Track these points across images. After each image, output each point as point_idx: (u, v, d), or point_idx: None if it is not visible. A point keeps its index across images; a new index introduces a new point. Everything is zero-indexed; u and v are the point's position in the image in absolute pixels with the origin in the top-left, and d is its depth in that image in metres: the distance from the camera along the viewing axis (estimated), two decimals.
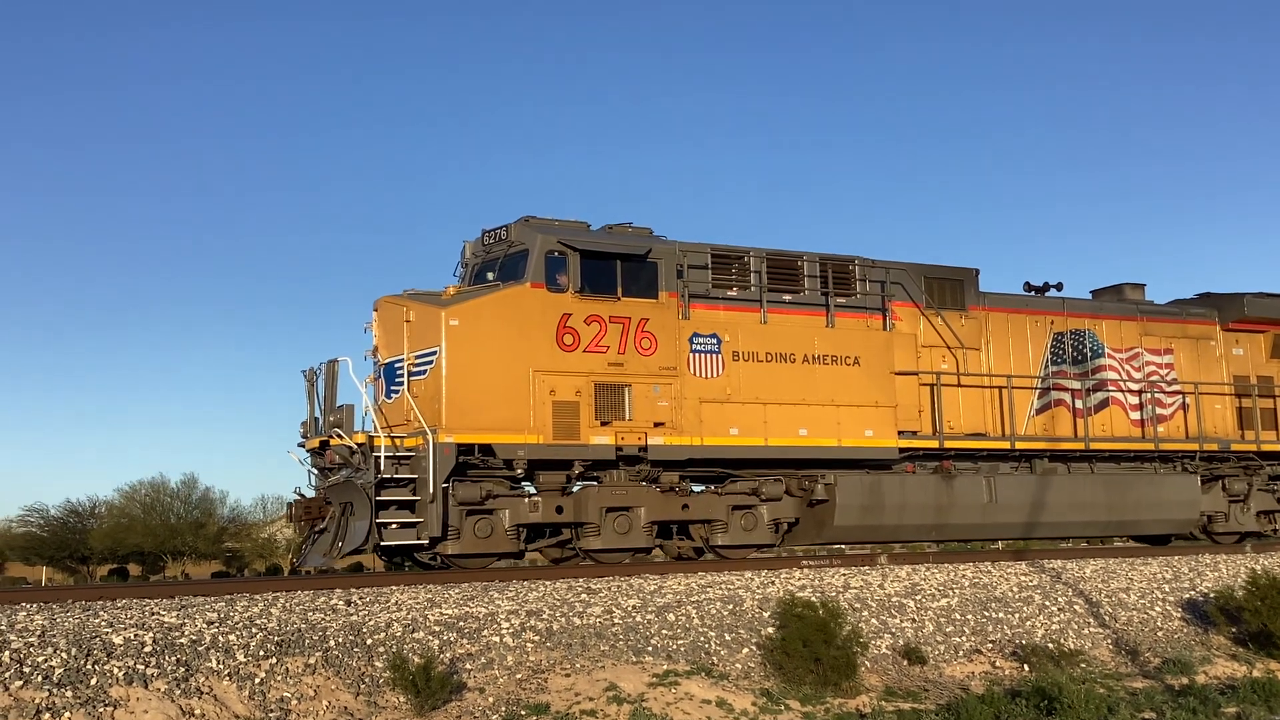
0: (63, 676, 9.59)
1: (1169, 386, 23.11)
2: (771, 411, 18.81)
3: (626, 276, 18.20)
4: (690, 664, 12.12)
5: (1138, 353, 23.02)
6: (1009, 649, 14.29)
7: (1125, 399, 22.60)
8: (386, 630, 11.59)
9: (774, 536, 19.18)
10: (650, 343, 18.14)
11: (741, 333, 18.85)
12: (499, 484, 17.30)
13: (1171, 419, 23.00)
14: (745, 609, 13.73)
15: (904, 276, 20.67)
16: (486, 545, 17.23)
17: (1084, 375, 22.33)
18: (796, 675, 12.18)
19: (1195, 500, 22.41)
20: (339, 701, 10.36)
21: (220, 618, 11.61)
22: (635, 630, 12.60)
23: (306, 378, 17.89)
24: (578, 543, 17.91)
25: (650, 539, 18.23)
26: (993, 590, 16.09)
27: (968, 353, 21.09)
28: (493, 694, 10.96)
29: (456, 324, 17.11)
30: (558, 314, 17.61)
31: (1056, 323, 22.34)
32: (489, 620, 12.27)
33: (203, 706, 9.72)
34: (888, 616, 14.41)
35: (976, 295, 21.53)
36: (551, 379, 17.44)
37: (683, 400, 18.22)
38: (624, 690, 11.26)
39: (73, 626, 10.81)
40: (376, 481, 16.42)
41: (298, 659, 10.72)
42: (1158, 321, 23.50)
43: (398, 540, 16.66)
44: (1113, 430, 22.29)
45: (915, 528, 20.08)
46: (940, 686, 12.96)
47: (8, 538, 71.36)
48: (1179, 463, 22.80)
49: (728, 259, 19.41)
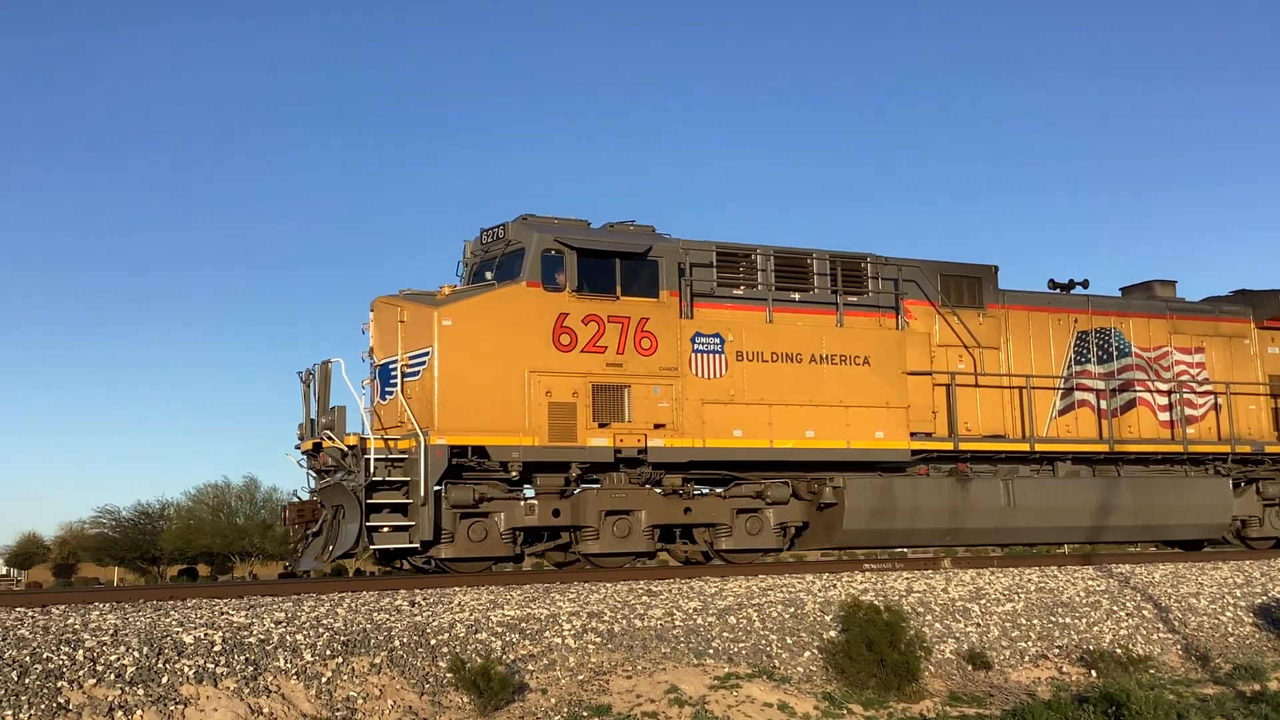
0: (135, 675, 9.58)
1: (1200, 386, 22.04)
2: (777, 412, 18.11)
3: (626, 275, 17.61)
4: (752, 667, 11.92)
5: (1166, 352, 22.00)
6: (1076, 654, 13.88)
7: (1153, 399, 21.60)
8: (450, 631, 11.51)
9: (780, 540, 18.47)
10: (650, 342, 17.53)
11: (746, 332, 18.18)
12: (494, 487, 16.79)
13: (1203, 420, 21.94)
14: (807, 612, 13.47)
15: (918, 274, 19.87)
16: (481, 549, 16.73)
17: (1109, 375, 21.35)
18: (859, 679, 11.90)
19: (1227, 504, 21.31)
20: (404, 701, 10.30)
21: (288, 617, 11.63)
22: (696, 632, 12.45)
23: (302, 379, 17.49)
24: (576, 546, 17.38)
25: (652, 543, 17.62)
26: (1059, 595, 15.63)
27: (986, 352, 20.23)
28: (555, 695, 10.86)
29: (449, 324, 16.63)
30: (554, 313, 17.06)
31: (1080, 321, 21.38)
32: (551, 621, 12.16)
33: (271, 705, 9.70)
34: (952, 621, 14.07)
35: (995, 293, 20.66)
36: (547, 380, 16.90)
37: (684, 401, 17.59)
38: (685, 692, 11.09)
39: (144, 626, 10.85)
40: (367, 484, 15.99)
41: (363, 659, 10.69)
42: (1188, 319, 22.43)
43: (389, 544, 16.21)
44: (1140, 432, 21.30)
45: (928, 532, 19.26)
46: (1005, 692, 12.61)
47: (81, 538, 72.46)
48: (1211, 465, 21.75)
49: (734, 257, 18.77)
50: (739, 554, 18.25)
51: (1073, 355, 21.14)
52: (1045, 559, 21.28)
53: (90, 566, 72.46)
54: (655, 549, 17.88)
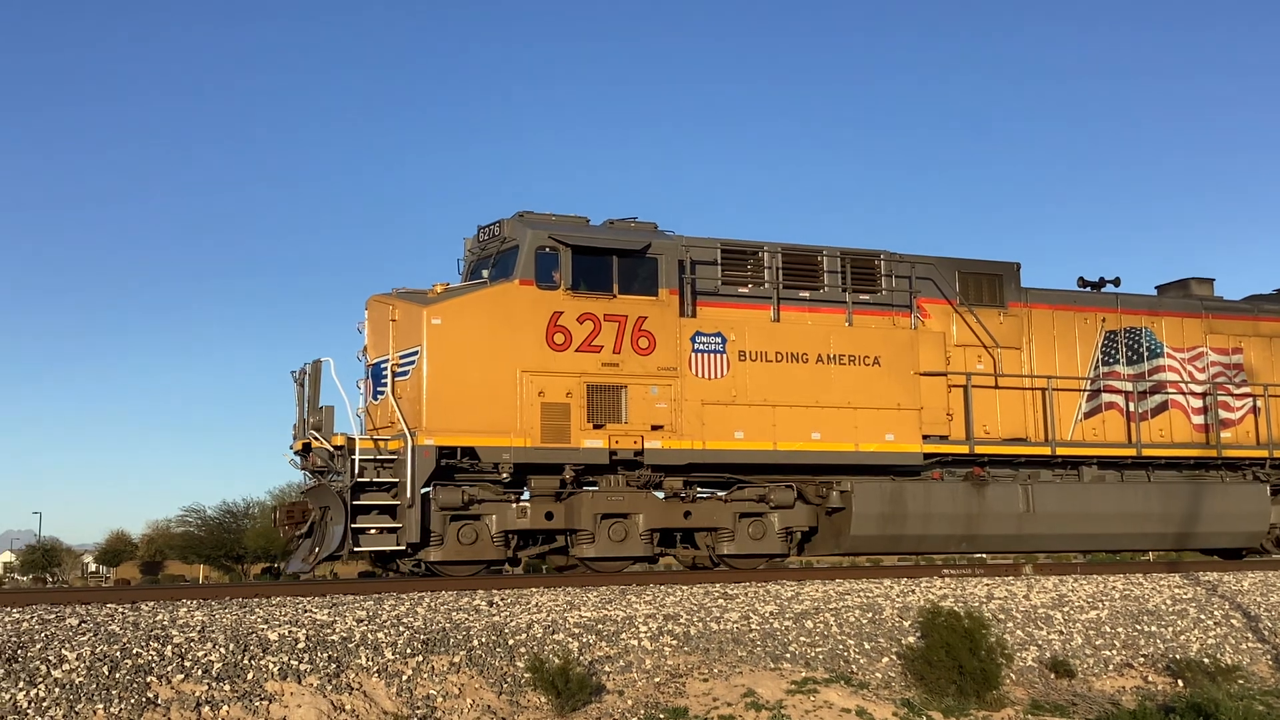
0: (221, 671, 9.62)
1: (1237, 388, 20.81)
2: (781, 414, 17.30)
3: (623, 273, 16.91)
4: (829, 672, 11.68)
5: (1201, 352, 20.75)
6: (1162, 663, 13.46)
7: (1187, 402, 20.39)
8: (527, 631, 11.41)
9: (785, 546, 17.64)
10: (648, 342, 16.83)
11: (749, 331, 17.39)
12: (486, 489, 16.21)
13: (1240, 423, 20.67)
14: (885, 617, 13.17)
15: (934, 271, 18.91)
16: (471, 553, 16.14)
17: (1139, 376, 20.18)
18: (939, 686, 11.57)
19: (1264, 511, 20.01)
20: (482, 700, 10.26)
21: (369, 616, 11.58)
22: (773, 636, 12.22)
23: (296, 379, 17.04)
24: (572, 550, 16.73)
25: (650, 547, 16.90)
26: (1144, 603, 15.10)
27: (1006, 352, 19.19)
28: (631, 697, 10.75)
29: (439, 322, 16.07)
30: (548, 312, 16.43)
31: (1109, 320, 20.23)
32: (627, 623, 12.00)
33: (353, 702, 9.73)
34: (1034, 628, 13.67)
35: (1017, 291, 19.60)
36: (540, 379, 16.27)
37: (683, 402, 16.85)
38: (762, 696, 10.88)
39: (230, 623, 10.87)
40: (352, 485, 15.50)
41: (443, 657, 10.66)
42: (1225, 318, 21.12)
43: (375, 546, 15.71)
44: (1172, 435, 20.10)
45: (942, 538, 18.28)
46: (1089, 701, 12.23)
47: (167, 537, 73.28)
48: (1248, 471, 20.51)
49: (740, 255, 18.02)
50: (741, 559, 17.47)
51: (1100, 355, 20.02)
52: (1130, 566, 20.18)
53: (176, 564, 73.25)
54: (655, 554, 17.15)
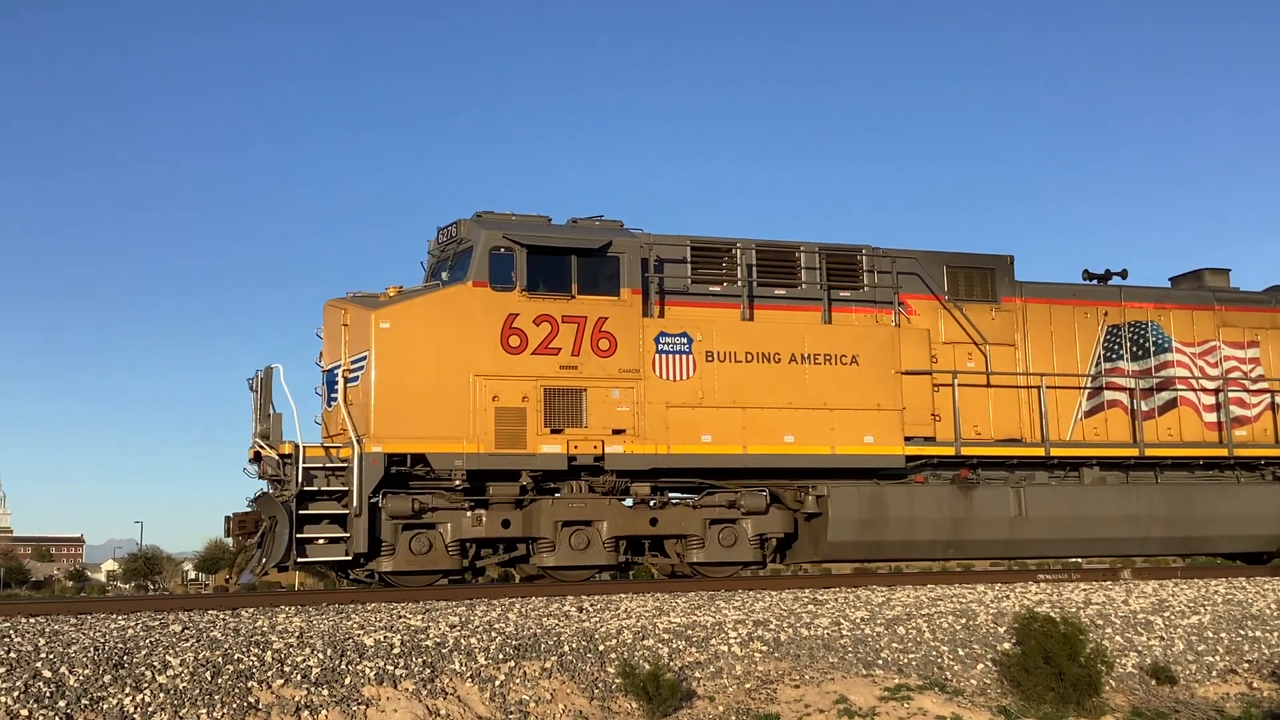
0: (319, 675, 9.60)
1: (1253, 384, 19.28)
2: (751, 416, 16.26)
3: (583, 273, 15.98)
4: (922, 678, 11.30)
5: (1214, 346, 19.21)
6: (1267, 670, 12.83)
7: (1197, 399, 18.90)
8: (617, 637, 11.28)
9: (759, 553, 16.57)
10: (609, 343, 15.89)
11: (717, 331, 16.35)
12: (440, 497, 15.40)
13: (1256, 421, 19.11)
14: (979, 623, 12.76)
15: (918, 266, 17.69)
16: (425, 562, 15.32)
17: (1145, 372, 18.72)
18: (1036, 693, 11.10)
19: None
20: (574, 705, 10.14)
21: (461, 621, 11.65)
22: (864, 642, 11.89)
23: (251, 386, 16.38)
24: (532, 559, 15.86)
25: (614, 556, 15.95)
26: (1248, 607, 14.39)
27: (999, 349, 17.84)
28: (722, 703, 10.52)
29: (387, 326, 15.30)
30: (503, 314, 15.56)
31: (1112, 314, 18.77)
32: (716, 629, 11.80)
33: (447, 707, 9.69)
34: (1133, 634, 13.15)
35: (1011, 285, 18.28)
36: (494, 384, 15.42)
37: (646, 405, 15.87)
38: (854, 703, 10.58)
39: (328, 629, 10.93)
40: (297, 494, 14.79)
41: (535, 663, 10.60)
42: (1240, 310, 19.50)
43: (322, 556, 15.01)
44: (1182, 434, 18.63)
45: (927, 544, 17.06)
46: (1191, 708, 11.71)
47: None
48: (1267, 471, 18.99)
49: (712, 252, 17.00)
50: (713, 567, 16.45)
51: (1102, 351, 18.62)
52: (1233, 570, 18.89)
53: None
54: (620, 562, 16.17)
